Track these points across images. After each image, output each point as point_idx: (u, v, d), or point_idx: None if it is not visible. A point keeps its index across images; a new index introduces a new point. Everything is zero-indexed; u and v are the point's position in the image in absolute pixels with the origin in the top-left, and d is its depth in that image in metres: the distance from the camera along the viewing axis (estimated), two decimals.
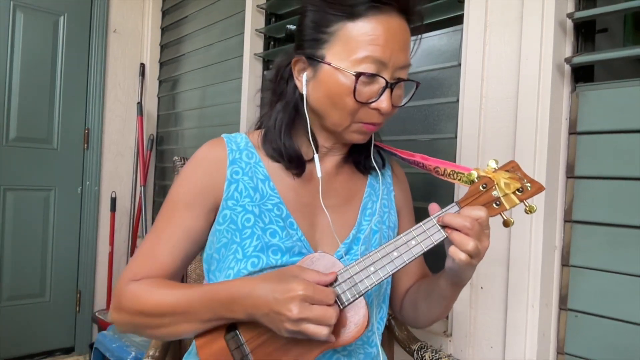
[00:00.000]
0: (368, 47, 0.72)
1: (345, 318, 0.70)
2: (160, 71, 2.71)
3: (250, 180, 0.81)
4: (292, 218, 0.81)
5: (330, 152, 0.86)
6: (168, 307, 0.73)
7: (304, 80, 0.79)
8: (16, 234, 2.33)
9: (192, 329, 0.74)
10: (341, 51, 0.74)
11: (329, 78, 0.75)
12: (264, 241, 0.78)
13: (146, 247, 0.81)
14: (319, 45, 0.76)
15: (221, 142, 0.84)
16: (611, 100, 0.98)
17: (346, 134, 0.80)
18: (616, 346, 0.97)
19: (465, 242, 0.66)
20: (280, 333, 0.66)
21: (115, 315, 0.78)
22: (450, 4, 1.28)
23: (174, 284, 0.78)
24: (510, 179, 0.70)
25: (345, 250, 0.83)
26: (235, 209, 0.80)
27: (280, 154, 0.81)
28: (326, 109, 0.78)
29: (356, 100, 0.74)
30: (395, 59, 0.74)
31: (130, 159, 2.68)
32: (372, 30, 0.72)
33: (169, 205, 0.82)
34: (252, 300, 0.67)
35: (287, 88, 0.83)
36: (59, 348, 2.48)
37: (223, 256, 0.80)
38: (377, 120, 0.78)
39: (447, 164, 0.78)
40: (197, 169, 0.82)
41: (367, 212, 0.87)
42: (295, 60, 0.80)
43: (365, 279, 0.69)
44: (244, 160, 0.82)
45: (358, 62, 0.73)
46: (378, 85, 0.75)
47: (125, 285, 0.77)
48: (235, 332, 0.74)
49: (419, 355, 1.00)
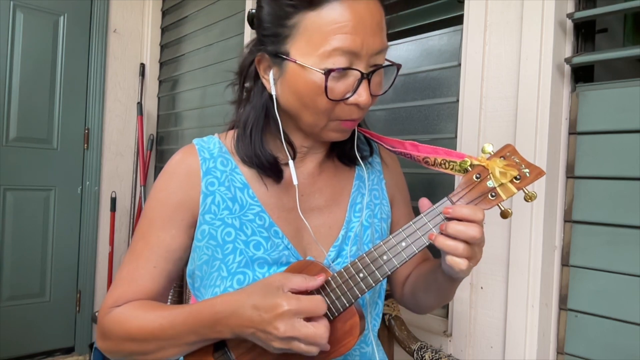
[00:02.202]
0: (335, 38, 0.64)
1: (337, 329, 0.66)
2: (160, 71, 2.71)
3: (228, 191, 0.75)
4: (277, 226, 0.76)
5: (311, 151, 0.80)
6: (153, 332, 0.69)
7: (271, 79, 0.72)
8: (16, 234, 2.33)
9: (179, 351, 0.71)
10: (306, 46, 0.66)
11: (297, 77, 0.68)
12: (247, 255, 0.73)
13: (125, 272, 0.76)
14: (280, 40, 0.68)
15: (192, 150, 0.77)
16: (611, 100, 0.98)
17: (323, 133, 0.73)
18: (616, 346, 0.97)
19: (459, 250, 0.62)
20: (270, 350, 0.63)
21: (101, 344, 0.75)
22: (450, 4, 1.28)
23: (158, 305, 0.73)
24: (506, 167, 0.63)
25: (336, 253, 0.78)
26: (214, 224, 0.74)
27: (253, 161, 0.75)
28: (298, 110, 0.71)
29: (329, 99, 0.67)
30: (368, 45, 0.66)
31: (130, 159, 2.67)
32: (337, 18, 0.64)
33: (145, 224, 0.76)
34: (238, 320, 0.63)
35: (254, 88, 0.76)
36: (59, 348, 2.48)
37: (206, 273, 0.76)
38: (356, 116, 0.71)
39: (439, 152, 0.71)
40: (169, 183, 0.76)
41: (356, 208, 0.82)
42: (258, 58, 0.73)
43: (355, 286, 0.65)
44: (219, 168, 0.76)
45: (326, 56, 0.65)
46: (353, 77, 0.67)
47: (108, 312, 0.74)
48: (224, 350, 0.71)
49: (419, 355, 1.00)
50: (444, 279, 0.73)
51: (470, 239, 0.61)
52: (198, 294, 0.80)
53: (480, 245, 0.64)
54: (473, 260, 0.64)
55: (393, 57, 0.73)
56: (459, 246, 0.62)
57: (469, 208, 0.62)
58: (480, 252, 0.65)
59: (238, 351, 0.70)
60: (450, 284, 0.75)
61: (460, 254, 0.62)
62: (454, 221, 0.62)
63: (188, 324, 0.68)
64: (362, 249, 0.80)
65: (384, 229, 0.85)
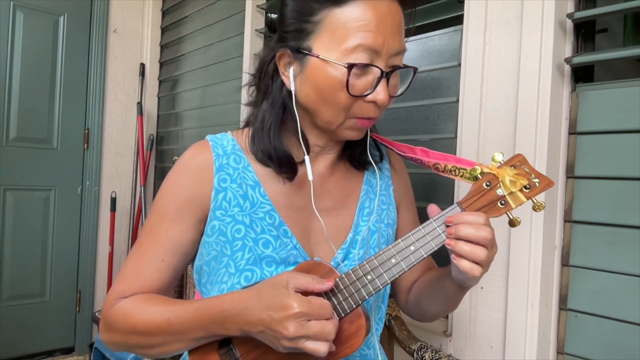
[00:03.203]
0: (358, 35, 0.66)
1: (343, 330, 0.66)
2: (160, 71, 2.71)
3: (239, 188, 0.75)
4: (286, 225, 0.76)
5: (323, 151, 0.80)
6: (159, 326, 0.69)
7: (291, 75, 0.72)
8: (16, 234, 2.33)
9: (185, 347, 0.71)
10: (329, 41, 0.67)
11: (318, 72, 0.69)
12: (256, 253, 0.74)
13: (132, 264, 0.75)
14: (304, 36, 0.70)
15: (206, 146, 0.78)
16: (611, 100, 0.98)
17: (340, 131, 0.74)
18: (616, 346, 0.97)
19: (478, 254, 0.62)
20: (277, 349, 0.63)
21: (105, 336, 0.75)
22: (450, 4, 1.28)
23: (164, 299, 0.73)
24: (516, 176, 0.64)
25: (343, 255, 0.79)
26: (224, 220, 0.75)
27: (269, 158, 0.76)
28: (317, 105, 0.72)
29: (350, 94, 0.68)
30: (388, 45, 0.67)
31: (130, 159, 2.68)
32: (361, 16, 0.65)
33: (154, 218, 0.76)
34: (246, 318, 0.63)
35: (272, 85, 0.76)
36: (59, 348, 2.48)
37: (214, 269, 0.76)
38: (373, 114, 0.72)
39: (449, 159, 0.72)
40: (181, 178, 0.76)
41: (364, 212, 0.83)
42: (279, 55, 0.73)
43: (363, 288, 0.65)
44: (232, 165, 0.76)
45: (349, 52, 0.66)
46: (372, 75, 0.68)
47: (113, 304, 0.73)
48: (229, 347, 0.71)
49: (419, 355, 1.00)
50: (452, 287, 0.73)
51: (482, 240, 0.62)
52: (204, 289, 0.80)
53: (492, 248, 0.64)
54: (485, 267, 0.64)
55: None
56: (477, 251, 0.62)
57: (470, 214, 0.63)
58: (492, 256, 0.65)
59: (243, 349, 0.70)
60: (458, 292, 0.75)
61: (479, 259, 0.62)
62: (463, 224, 0.62)
63: (196, 320, 0.68)
64: (368, 252, 0.80)
65: (389, 235, 0.86)
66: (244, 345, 0.70)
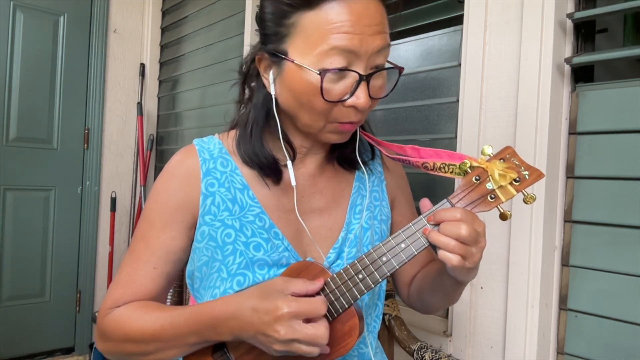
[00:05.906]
0: (332, 37, 0.63)
1: (336, 330, 0.66)
2: (160, 71, 2.71)
3: (228, 192, 0.75)
4: (277, 227, 0.75)
5: (311, 152, 0.79)
6: (153, 333, 0.69)
7: (270, 78, 0.71)
8: (16, 234, 2.33)
9: (180, 353, 0.71)
10: (303, 45, 0.65)
11: (294, 77, 0.67)
12: (248, 257, 0.73)
13: (125, 273, 0.75)
14: (280, 39, 0.68)
15: (192, 151, 0.77)
16: (611, 100, 0.98)
17: (321, 135, 0.72)
18: (616, 346, 0.97)
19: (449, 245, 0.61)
20: (271, 353, 0.63)
21: (101, 345, 0.75)
22: (450, 4, 1.28)
23: (157, 306, 0.73)
24: (505, 169, 0.63)
25: (336, 255, 0.78)
26: (214, 225, 0.74)
27: (253, 161, 0.75)
28: (295, 110, 0.70)
29: (326, 100, 0.66)
30: (367, 45, 0.64)
31: (130, 159, 2.68)
32: (335, 17, 0.63)
33: (145, 225, 0.76)
34: (237, 322, 0.63)
35: (256, 87, 0.76)
36: (59, 348, 2.48)
37: (206, 274, 0.76)
38: (355, 119, 0.69)
39: (441, 154, 0.70)
40: (169, 184, 0.76)
41: (356, 209, 0.82)
42: (259, 57, 0.72)
43: (354, 287, 0.64)
44: (219, 169, 0.76)
45: (323, 56, 0.64)
46: (351, 78, 0.66)
47: (107, 313, 0.74)
48: (223, 350, 0.71)
49: (419, 355, 1.00)
50: (449, 281, 0.73)
51: (458, 237, 0.61)
52: (197, 295, 0.80)
53: (476, 245, 0.64)
54: (470, 260, 0.63)
55: (393, 58, 0.72)
56: (450, 242, 0.62)
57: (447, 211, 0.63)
58: (478, 252, 0.64)
59: (237, 352, 0.70)
60: (455, 286, 0.74)
61: (451, 249, 0.61)
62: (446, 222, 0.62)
63: (189, 325, 0.68)
64: (361, 250, 0.80)
65: (383, 231, 0.85)
66: (238, 349, 0.70)
